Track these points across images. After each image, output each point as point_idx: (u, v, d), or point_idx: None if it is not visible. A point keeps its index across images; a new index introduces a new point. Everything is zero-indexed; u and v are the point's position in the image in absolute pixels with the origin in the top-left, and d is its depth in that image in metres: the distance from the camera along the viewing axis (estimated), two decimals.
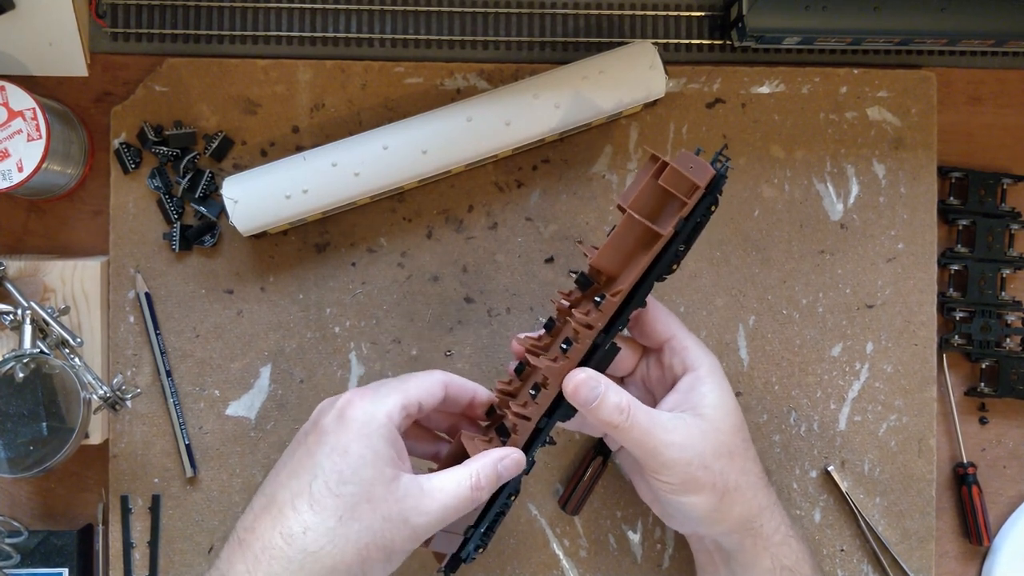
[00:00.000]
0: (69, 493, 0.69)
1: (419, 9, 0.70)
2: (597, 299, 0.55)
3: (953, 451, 0.72)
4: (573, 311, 0.57)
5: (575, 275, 0.58)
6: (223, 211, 0.66)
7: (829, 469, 0.70)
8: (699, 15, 0.71)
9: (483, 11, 0.70)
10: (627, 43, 0.68)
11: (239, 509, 0.68)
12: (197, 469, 0.68)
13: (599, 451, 0.68)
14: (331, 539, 0.50)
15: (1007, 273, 0.71)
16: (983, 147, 0.72)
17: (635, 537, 0.70)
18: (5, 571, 0.65)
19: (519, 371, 0.59)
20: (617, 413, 0.55)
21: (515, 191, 0.70)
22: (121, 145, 0.68)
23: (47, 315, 0.64)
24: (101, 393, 0.63)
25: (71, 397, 0.63)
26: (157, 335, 0.68)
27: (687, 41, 0.71)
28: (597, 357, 0.56)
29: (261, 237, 0.68)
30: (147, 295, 0.68)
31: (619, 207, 0.55)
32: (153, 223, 0.69)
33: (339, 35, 0.70)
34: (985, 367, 0.71)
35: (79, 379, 0.63)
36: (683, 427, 0.56)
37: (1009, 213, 0.71)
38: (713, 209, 0.56)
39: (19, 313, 0.64)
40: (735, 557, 0.59)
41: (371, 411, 0.53)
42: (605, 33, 0.70)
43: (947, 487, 0.71)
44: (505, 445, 0.57)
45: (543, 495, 0.70)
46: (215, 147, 0.68)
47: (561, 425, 0.58)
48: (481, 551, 0.59)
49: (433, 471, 0.55)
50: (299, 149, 0.68)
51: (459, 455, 0.57)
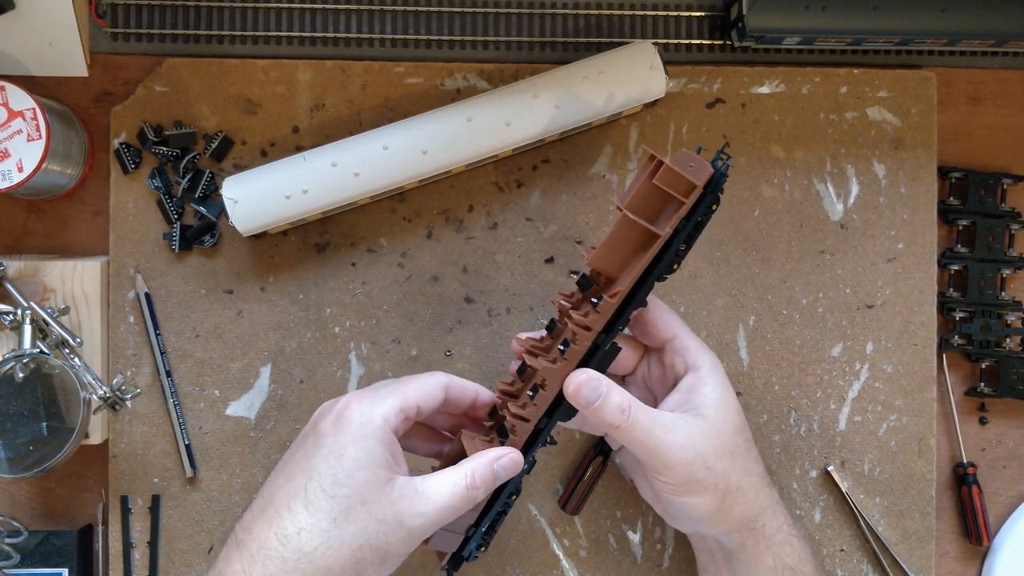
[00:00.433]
0: (69, 493, 0.69)
1: (419, 9, 0.70)
2: (595, 300, 0.55)
3: (953, 451, 0.72)
4: (572, 312, 0.57)
5: (576, 276, 0.58)
6: (223, 211, 0.66)
7: (829, 469, 0.70)
8: (699, 15, 0.71)
9: (483, 11, 0.70)
10: (627, 43, 0.68)
11: (239, 509, 0.68)
12: (197, 469, 0.68)
13: (599, 451, 0.68)
14: (325, 540, 0.50)
15: (1007, 273, 0.71)
16: (983, 147, 0.72)
17: (635, 537, 0.70)
18: (5, 571, 0.65)
19: (521, 372, 0.58)
20: (619, 414, 0.55)
21: (515, 191, 0.70)
22: (121, 145, 0.68)
23: (47, 315, 0.64)
24: (101, 393, 0.63)
25: (71, 397, 0.63)
26: (157, 335, 0.68)
27: (687, 41, 0.71)
28: (598, 358, 0.56)
29: (261, 237, 0.68)
30: (147, 295, 0.68)
31: (617, 207, 0.55)
32: (153, 223, 0.69)
33: (339, 35, 0.70)
34: (985, 367, 0.71)
35: (79, 379, 0.63)
36: (684, 427, 0.56)
37: (1009, 213, 0.71)
38: (715, 208, 0.55)
39: (19, 313, 0.64)
40: (737, 557, 0.59)
41: (368, 414, 0.53)
42: (605, 33, 0.70)
43: (947, 487, 0.71)
44: (504, 445, 0.57)
45: (543, 495, 0.70)
46: (215, 147, 0.68)
47: (562, 424, 0.58)
48: (483, 550, 0.59)
49: (436, 469, 0.56)
50: (299, 149, 0.68)
51: (459, 455, 0.57)
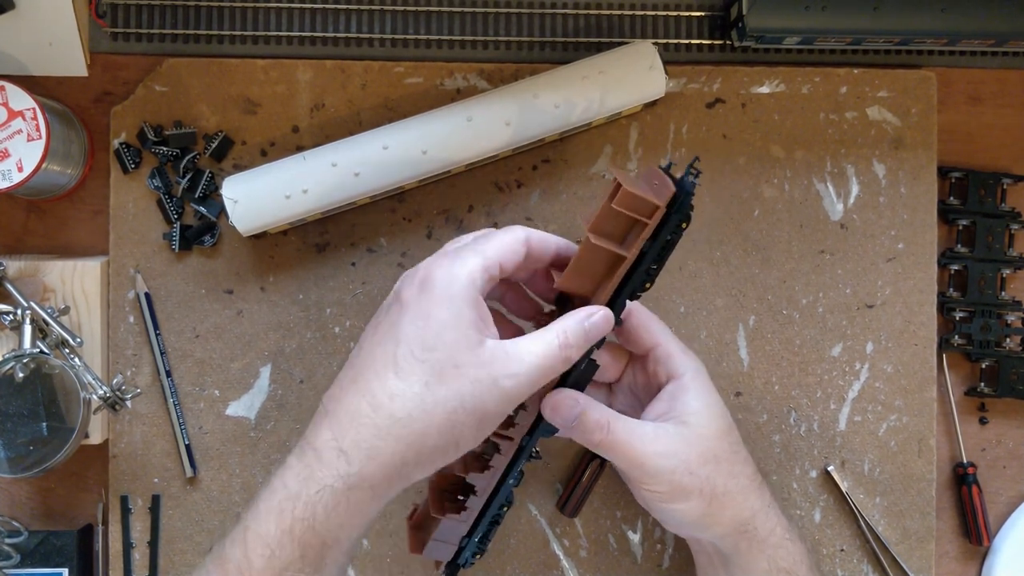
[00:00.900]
0: (69, 493, 0.69)
1: (419, 9, 0.70)
2: None
3: (953, 451, 0.72)
4: None
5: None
6: (223, 211, 0.66)
7: (829, 469, 0.70)
8: (699, 15, 0.71)
9: (483, 11, 0.70)
10: (627, 43, 0.68)
11: (239, 509, 0.68)
12: (197, 469, 0.68)
13: (596, 454, 0.68)
14: (418, 404, 0.49)
15: (1007, 273, 0.71)
16: (983, 147, 0.72)
17: (635, 537, 0.70)
18: (5, 571, 0.65)
19: None
20: (597, 431, 0.55)
21: (515, 191, 0.70)
22: (121, 145, 0.68)
23: (47, 315, 0.64)
24: (101, 393, 0.63)
25: (71, 397, 0.63)
26: (157, 335, 0.68)
27: (687, 41, 0.71)
28: (574, 376, 0.56)
29: (261, 237, 0.68)
30: (147, 295, 0.68)
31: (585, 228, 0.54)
32: (153, 223, 0.69)
33: (339, 35, 0.70)
34: (985, 367, 0.71)
35: (79, 379, 0.63)
36: (666, 436, 0.57)
37: (1009, 213, 0.71)
38: (684, 226, 0.54)
39: (19, 313, 0.64)
40: (732, 560, 0.59)
41: (451, 275, 0.51)
42: (605, 33, 0.70)
43: (947, 487, 0.71)
44: (490, 467, 0.57)
45: (543, 495, 0.70)
46: (215, 147, 0.68)
47: (557, 435, 0.58)
48: (479, 557, 0.59)
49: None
50: (299, 149, 0.68)
51: (424, 524, 0.59)
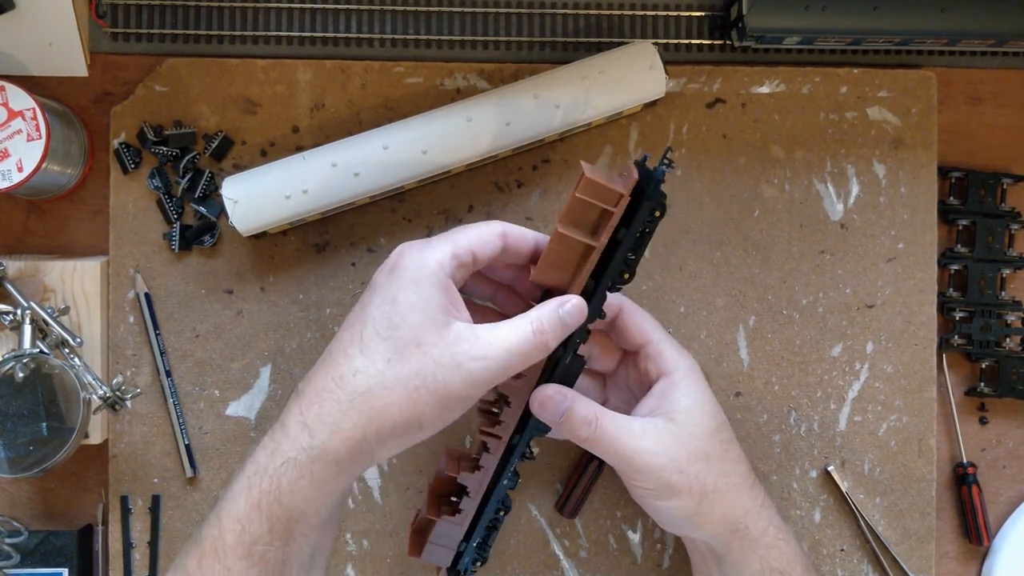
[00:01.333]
0: (69, 493, 0.69)
1: (419, 9, 0.70)
2: None
3: (953, 451, 0.72)
4: None
5: None
6: (223, 211, 0.66)
7: (829, 469, 0.70)
8: (699, 15, 0.71)
9: (483, 11, 0.70)
10: (627, 43, 0.68)
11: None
12: (197, 469, 0.68)
13: (594, 455, 0.68)
14: (380, 381, 0.50)
15: (1007, 273, 0.71)
16: (983, 147, 0.72)
17: (635, 537, 0.70)
18: (5, 571, 0.65)
19: (495, 390, 0.59)
20: (585, 426, 0.55)
21: (515, 191, 0.70)
22: (121, 145, 0.68)
23: (47, 315, 0.64)
24: (101, 393, 0.63)
25: (71, 397, 0.63)
26: (157, 335, 0.68)
27: (687, 41, 0.71)
28: (560, 371, 0.56)
29: (261, 237, 0.68)
30: (147, 295, 0.68)
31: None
32: (153, 223, 0.69)
33: (339, 35, 0.70)
34: (985, 367, 0.71)
35: (79, 379, 0.63)
36: (655, 433, 0.57)
37: (1009, 213, 0.71)
38: (658, 215, 0.54)
39: (19, 313, 0.64)
40: (724, 559, 0.59)
41: (420, 260, 0.52)
42: (605, 33, 0.70)
43: (947, 487, 0.71)
44: (480, 467, 0.57)
45: (543, 495, 0.70)
46: (215, 147, 0.68)
47: (550, 436, 0.58)
48: (480, 565, 0.59)
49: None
50: (299, 149, 0.68)
51: (425, 529, 0.58)
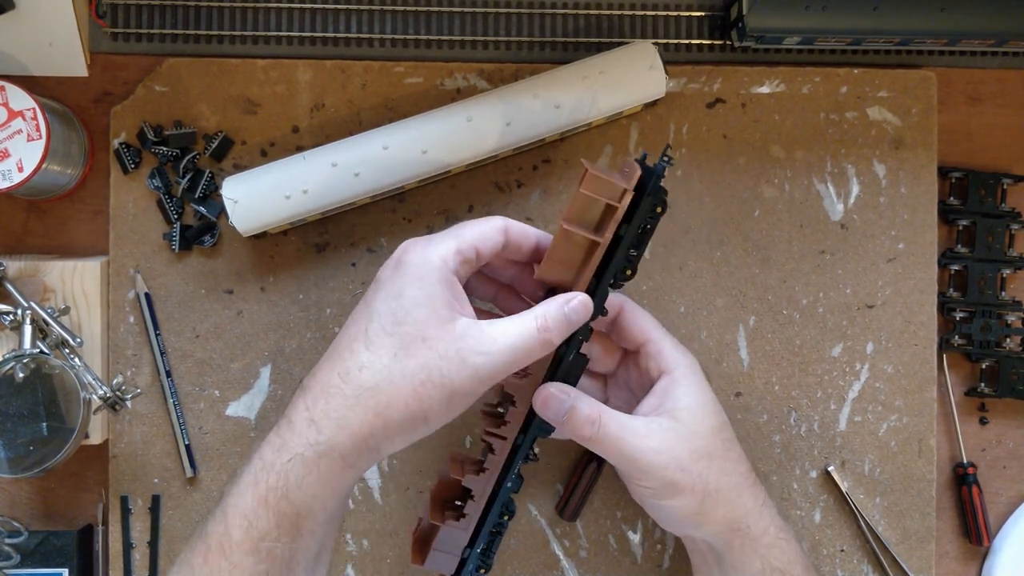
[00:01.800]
0: (69, 493, 0.69)
1: (419, 9, 0.70)
2: None
3: (953, 451, 0.71)
4: None
5: None
6: (223, 211, 0.66)
7: (829, 469, 0.70)
8: (699, 15, 0.71)
9: (483, 11, 0.70)
10: (627, 43, 0.68)
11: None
12: (197, 469, 0.68)
13: (593, 456, 0.68)
14: (386, 376, 0.50)
15: (1007, 273, 0.71)
16: (983, 147, 0.72)
17: (635, 537, 0.70)
18: (5, 571, 0.65)
19: (500, 391, 0.59)
20: (588, 425, 0.55)
21: (515, 191, 0.70)
22: (121, 145, 0.68)
23: (47, 315, 0.64)
24: (101, 393, 0.63)
25: (71, 397, 0.63)
26: (157, 335, 0.68)
27: (687, 41, 0.71)
28: (563, 369, 0.56)
29: (261, 237, 0.68)
30: (147, 295, 0.68)
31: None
32: (153, 223, 0.69)
33: (339, 35, 0.70)
34: (985, 367, 0.71)
35: (79, 379, 0.63)
36: (658, 431, 0.57)
37: (1009, 213, 0.71)
38: (659, 211, 0.54)
39: (19, 313, 0.64)
40: (725, 558, 0.59)
41: (424, 255, 0.53)
42: (605, 33, 0.70)
43: (947, 487, 0.71)
44: (485, 469, 0.57)
45: (543, 495, 0.70)
46: (215, 147, 0.68)
47: (551, 436, 0.58)
48: (484, 572, 0.59)
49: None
50: (299, 149, 0.68)
51: (428, 536, 0.58)
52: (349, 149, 0.65)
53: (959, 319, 0.71)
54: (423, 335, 0.51)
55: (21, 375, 0.62)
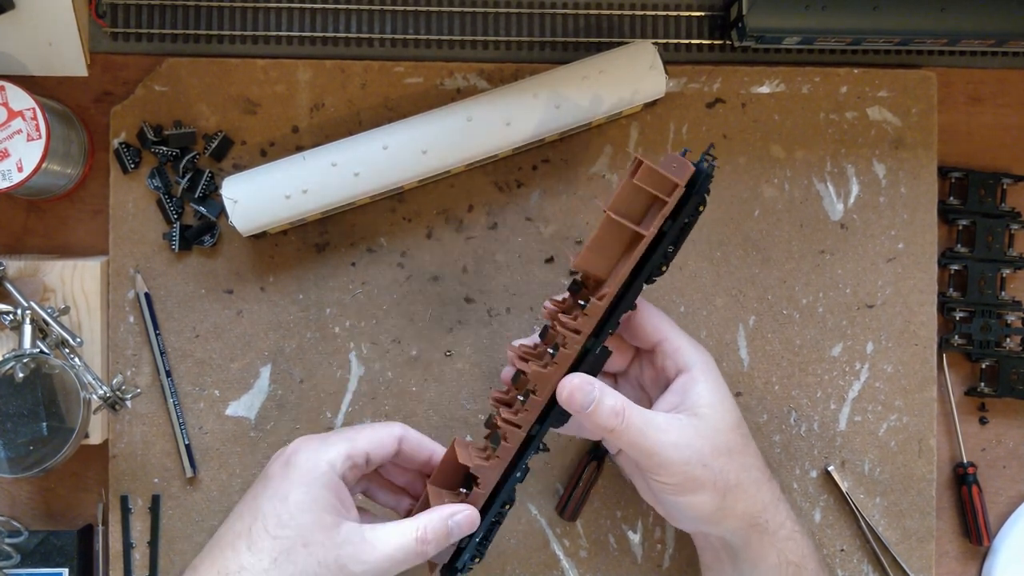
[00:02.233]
0: (69, 493, 0.69)
1: (419, 9, 0.70)
2: (583, 303, 0.55)
3: (953, 451, 0.72)
4: (560, 316, 0.56)
5: (577, 276, 0.58)
6: (223, 211, 0.66)
7: (829, 469, 0.70)
8: (699, 15, 0.71)
9: (483, 11, 0.70)
10: (627, 43, 0.68)
11: None
12: (197, 469, 0.68)
13: (593, 456, 0.68)
14: None
15: (1007, 273, 0.71)
16: (983, 147, 0.72)
17: (635, 537, 0.70)
18: (5, 571, 0.65)
19: (515, 379, 0.58)
20: (613, 417, 0.55)
21: (515, 191, 0.70)
22: (121, 145, 0.68)
23: (47, 315, 0.64)
24: (101, 393, 0.63)
25: (71, 397, 0.63)
26: (157, 335, 0.68)
27: (687, 41, 0.71)
28: (588, 361, 0.56)
29: (261, 237, 0.68)
30: (147, 295, 0.68)
31: (603, 209, 0.55)
32: (153, 223, 0.69)
33: (339, 35, 0.70)
34: (985, 367, 0.71)
35: (79, 379, 0.63)
36: (679, 427, 0.57)
37: (1009, 213, 0.71)
38: (702, 209, 0.55)
39: (19, 313, 0.64)
40: (741, 554, 0.59)
41: (314, 459, 0.54)
42: (605, 33, 0.70)
43: (947, 487, 0.71)
44: (476, 488, 0.57)
45: (543, 495, 0.69)
46: (215, 147, 0.68)
47: (557, 431, 0.58)
48: (478, 560, 0.58)
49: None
50: (299, 149, 0.68)
51: (426, 507, 0.58)
52: (349, 149, 0.65)
53: (959, 319, 0.71)
54: (305, 540, 0.52)
55: (21, 375, 0.62)
